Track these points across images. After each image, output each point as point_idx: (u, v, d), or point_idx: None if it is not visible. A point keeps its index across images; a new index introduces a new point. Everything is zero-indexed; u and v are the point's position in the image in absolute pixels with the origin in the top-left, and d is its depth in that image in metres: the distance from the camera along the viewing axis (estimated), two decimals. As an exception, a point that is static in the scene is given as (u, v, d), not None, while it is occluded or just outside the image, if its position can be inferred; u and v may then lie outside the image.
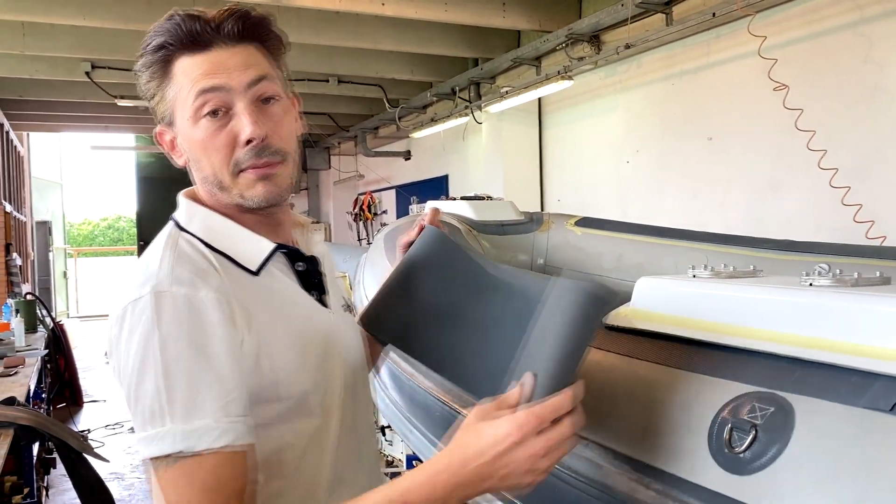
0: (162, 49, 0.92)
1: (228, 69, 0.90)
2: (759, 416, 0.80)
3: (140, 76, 0.95)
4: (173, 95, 0.93)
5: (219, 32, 0.92)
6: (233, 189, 0.92)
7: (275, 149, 0.92)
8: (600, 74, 6.49)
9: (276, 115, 0.93)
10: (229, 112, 0.90)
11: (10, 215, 9.67)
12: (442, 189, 9.47)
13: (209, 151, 0.91)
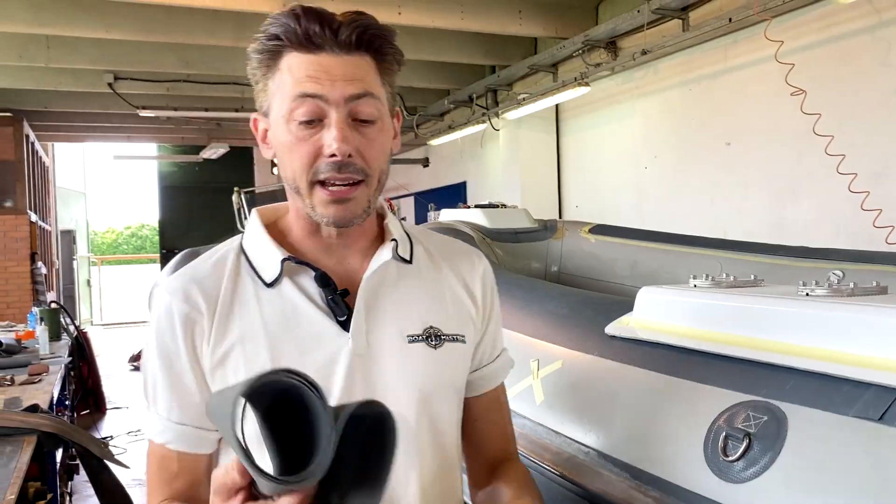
0: (274, 40, 0.90)
1: (332, 78, 0.88)
2: (753, 424, 0.81)
3: (250, 60, 0.94)
4: (275, 89, 0.91)
5: (334, 37, 0.88)
6: (307, 199, 0.91)
7: (357, 167, 0.89)
8: (617, 80, 6.49)
9: (368, 134, 0.91)
10: (322, 121, 0.89)
11: (36, 225, 9.84)
12: (460, 196, 9.50)
13: (293, 155, 0.90)
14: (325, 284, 0.94)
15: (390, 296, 0.98)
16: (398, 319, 0.97)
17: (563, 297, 1.42)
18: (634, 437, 0.95)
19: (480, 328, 1.05)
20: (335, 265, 0.97)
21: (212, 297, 0.93)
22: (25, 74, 7.42)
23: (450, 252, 1.07)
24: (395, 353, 0.96)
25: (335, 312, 0.94)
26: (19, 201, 9.42)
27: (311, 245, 0.97)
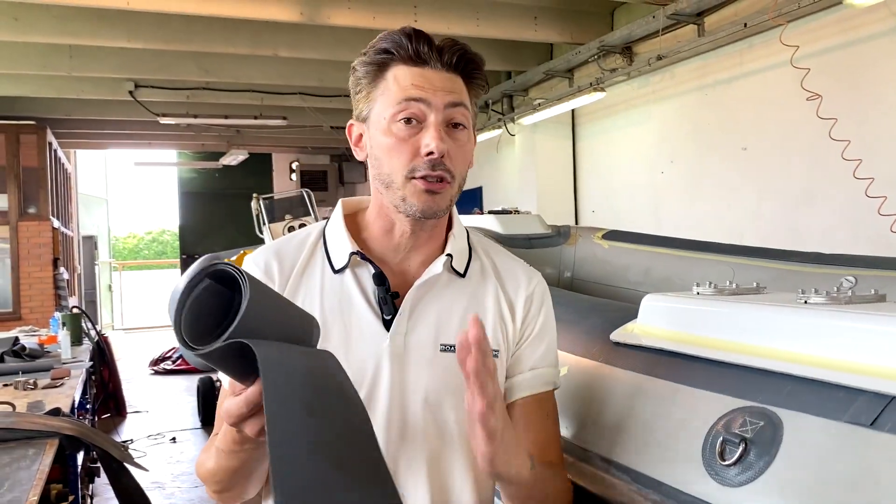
0: (385, 53, 1.02)
1: (435, 87, 1.00)
2: (750, 429, 0.83)
3: (356, 70, 1.05)
4: (377, 95, 1.02)
5: (439, 56, 1.01)
6: (399, 191, 1.01)
7: (447, 167, 1.00)
8: (633, 85, 6.50)
9: (459, 140, 1.02)
10: (422, 123, 1.00)
11: (58, 231, 9.98)
12: (476, 201, 9.52)
13: (393, 153, 1.00)
14: (380, 283, 1.03)
15: (434, 305, 1.06)
16: (436, 328, 1.05)
17: (570, 303, 1.44)
18: (636, 441, 0.97)
19: (514, 342, 1.10)
20: (397, 266, 1.07)
21: (286, 269, 1.05)
22: (49, 83, 7.56)
23: (505, 269, 1.14)
24: (426, 359, 1.03)
25: (383, 311, 1.04)
26: (42, 208, 9.57)
27: (382, 242, 1.07)
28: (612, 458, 0.99)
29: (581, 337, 1.24)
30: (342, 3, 5.57)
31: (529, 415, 1.07)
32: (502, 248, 1.20)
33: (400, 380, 1.02)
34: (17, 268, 9.38)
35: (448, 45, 1.03)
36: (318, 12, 5.49)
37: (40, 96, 7.95)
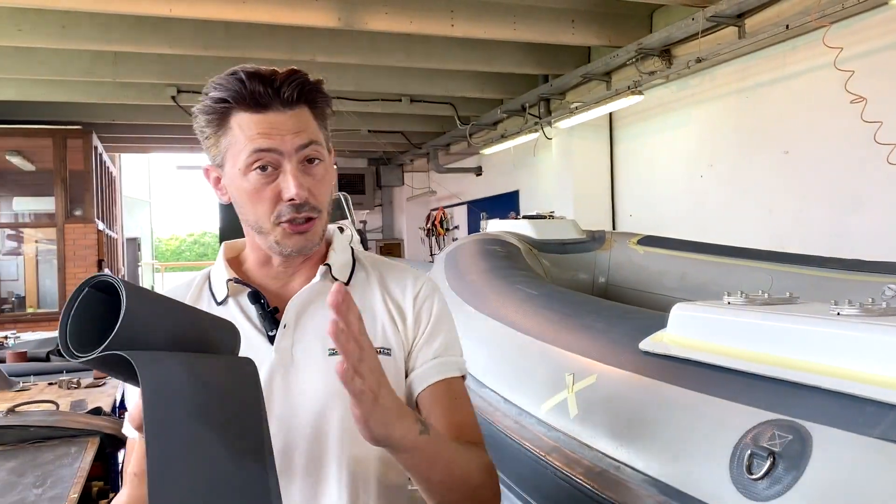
0: (222, 102, 1.01)
1: (282, 132, 0.99)
2: (778, 443, 0.81)
3: (197, 119, 1.05)
4: (227, 144, 1.02)
5: (278, 96, 0.99)
6: (270, 235, 1.03)
7: (312, 206, 1.01)
8: (672, 88, 6.42)
9: (317, 175, 1.02)
10: (277, 169, 1.00)
11: (103, 233, 10.22)
12: (512, 205, 9.51)
13: (255, 202, 1.01)
14: (255, 301, 1.06)
15: (318, 313, 1.07)
16: (322, 335, 1.04)
17: (600, 311, 1.43)
18: (664, 452, 0.96)
19: (410, 340, 1.12)
20: (279, 289, 1.10)
21: None
22: (94, 89, 7.74)
23: (389, 276, 1.16)
24: (317, 366, 1.05)
25: (265, 328, 1.06)
26: (88, 210, 9.80)
27: (260, 273, 1.10)
28: (638, 468, 0.98)
29: (609, 346, 1.23)
30: (379, 9, 5.61)
31: (439, 400, 1.09)
32: (391, 261, 1.23)
33: (288, 391, 1.03)
34: (63, 269, 9.62)
35: (284, 78, 1.00)
36: (356, 18, 5.54)
37: (86, 101, 8.14)
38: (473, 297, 1.89)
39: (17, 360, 4.29)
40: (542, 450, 1.19)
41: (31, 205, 10.54)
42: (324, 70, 7.33)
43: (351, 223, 7.08)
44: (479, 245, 2.55)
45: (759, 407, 0.87)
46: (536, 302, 1.62)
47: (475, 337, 1.69)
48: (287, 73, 1.00)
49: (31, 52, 6.46)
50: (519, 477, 1.30)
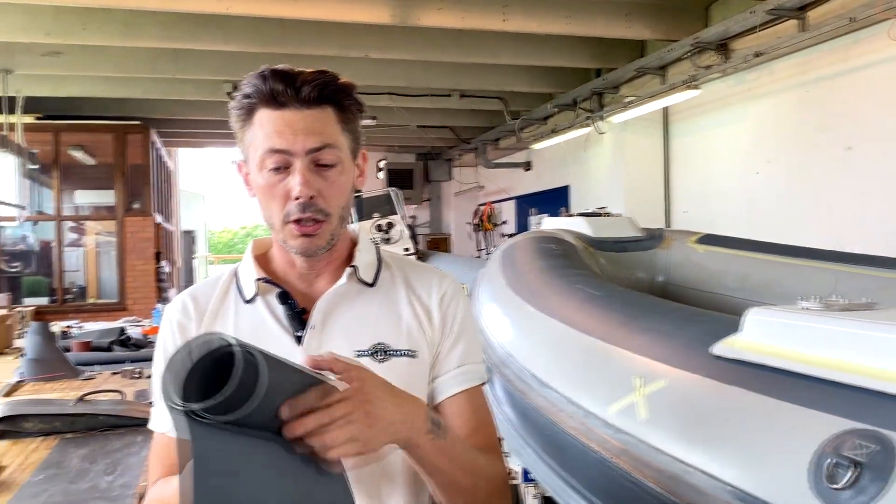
0: (247, 98, 1.02)
1: (295, 132, 1.00)
2: (862, 453, 0.80)
3: (231, 114, 1.06)
4: (250, 140, 1.04)
5: (297, 95, 1.00)
6: (280, 234, 1.05)
7: (319, 207, 1.01)
8: (729, 82, 6.30)
9: (329, 178, 1.02)
10: (289, 168, 1.01)
11: (160, 226, 10.48)
12: (562, 200, 9.44)
13: (267, 198, 1.03)
14: (284, 302, 1.08)
15: (345, 315, 1.09)
16: (349, 336, 1.08)
17: (665, 313, 1.42)
18: (740, 458, 0.95)
19: (436, 343, 1.13)
20: (306, 289, 1.11)
21: (201, 308, 1.11)
22: (154, 85, 7.94)
23: (416, 278, 1.17)
24: None
25: (293, 328, 1.07)
26: (146, 204, 10.06)
27: (287, 272, 1.11)
28: (713, 472, 0.98)
29: (679, 349, 1.22)
30: (432, 5, 5.62)
31: (460, 410, 1.11)
32: (416, 261, 1.23)
33: None
34: (123, 261, 9.90)
35: (308, 78, 1.01)
36: (409, 14, 5.56)
37: (146, 98, 8.36)
38: (533, 297, 1.90)
39: (82, 350, 4.44)
40: (611, 452, 1.20)
41: (92, 198, 10.86)
42: (375, 66, 7.40)
43: (401, 218, 7.13)
44: (536, 243, 2.55)
45: (840, 415, 0.86)
46: (599, 303, 1.62)
47: (536, 336, 1.69)
48: (312, 73, 1.02)
49: (95, 50, 6.65)
50: (585, 478, 1.30)
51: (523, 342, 1.73)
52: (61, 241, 10.03)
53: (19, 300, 9.55)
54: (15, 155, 7.63)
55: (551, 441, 1.46)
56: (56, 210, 9.95)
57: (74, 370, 3.67)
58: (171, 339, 1.10)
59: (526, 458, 1.69)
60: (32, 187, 10.71)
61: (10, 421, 2.50)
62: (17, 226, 10.07)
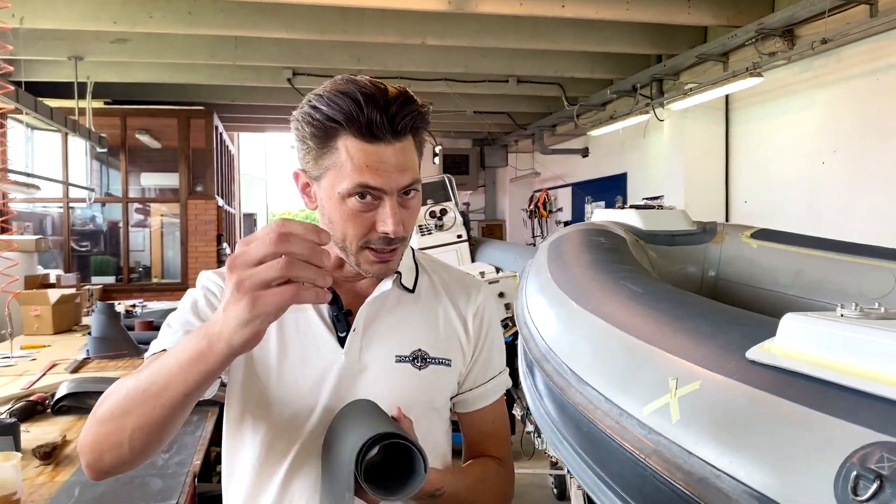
0: (333, 122, 0.98)
1: (389, 170, 0.98)
2: (887, 466, 0.80)
3: (300, 126, 1.02)
4: (329, 164, 1.00)
5: (391, 126, 0.97)
6: (353, 256, 1.05)
7: (402, 237, 1.04)
8: (794, 70, 6.11)
9: (411, 207, 1.04)
10: (377, 200, 1.00)
11: (222, 209, 10.76)
12: (620, 188, 9.33)
13: (348, 224, 1.01)
14: (332, 302, 1.08)
15: (387, 319, 1.12)
16: (390, 341, 1.10)
17: (707, 314, 1.42)
18: (766, 464, 0.95)
19: (470, 354, 1.17)
20: (350, 290, 1.13)
21: None
22: (216, 72, 8.14)
23: (453, 284, 1.20)
24: (382, 371, 1.09)
25: (337, 328, 1.09)
26: (208, 187, 10.34)
27: (335, 272, 1.11)
28: (739, 477, 0.98)
29: (716, 352, 1.22)
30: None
31: (484, 420, 1.18)
32: (444, 263, 1.25)
33: (354, 393, 1.06)
34: (186, 242, 10.21)
35: (398, 108, 0.97)
36: (467, 1, 5.56)
37: (208, 83, 8.57)
38: (577, 292, 1.90)
39: (145, 329, 4.62)
40: (643, 452, 1.20)
41: (157, 180, 11.22)
42: (433, 52, 7.42)
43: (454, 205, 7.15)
44: (584, 236, 2.55)
45: (869, 427, 0.86)
46: (642, 301, 1.62)
47: (577, 333, 1.70)
48: (401, 100, 0.99)
49: (160, 37, 6.85)
50: (618, 476, 1.31)
51: (565, 338, 1.74)
52: (128, 222, 10.40)
53: (87, 279, 9.96)
54: (85, 139, 7.93)
55: (587, 438, 1.47)
56: (123, 192, 10.30)
57: (137, 349, 3.83)
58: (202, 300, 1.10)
59: (563, 452, 1.70)
60: (101, 170, 11.12)
61: (76, 397, 2.64)
62: (86, 207, 10.48)
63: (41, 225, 10.49)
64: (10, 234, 7.85)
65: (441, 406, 1.16)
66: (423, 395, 1.11)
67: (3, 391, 2.94)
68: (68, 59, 7.07)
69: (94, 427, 0.91)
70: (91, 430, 0.92)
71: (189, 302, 1.11)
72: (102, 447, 0.90)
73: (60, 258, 10.19)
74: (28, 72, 7.17)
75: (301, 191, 1.09)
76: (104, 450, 0.90)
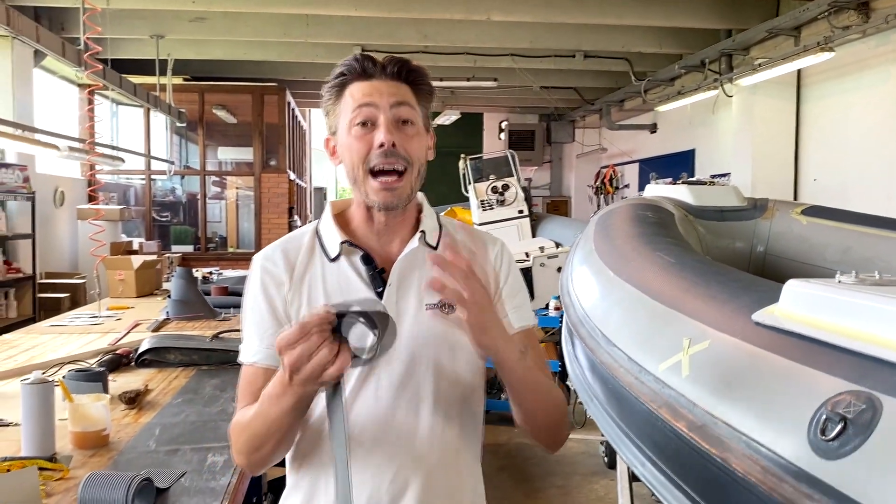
0: (340, 76, 1.21)
1: (381, 92, 1.18)
2: (851, 410, 0.90)
3: (324, 94, 1.24)
4: (340, 110, 1.21)
5: (383, 70, 1.20)
6: (362, 187, 1.20)
7: (401, 155, 1.17)
8: (869, 44, 5.94)
9: (408, 133, 1.20)
10: (374, 125, 1.18)
11: (294, 182, 11.10)
12: (687, 164, 9.22)
13: (352, 151, 1.19)
14: (367, 263, 1.23)
15: (416, 273, 1.25)
16: (420, 292, 1.24)
17: (725, 281, 1.50)
18: (755, 413, 1.06)
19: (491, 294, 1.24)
20: (380, 248, 1.26)
21: (291, 262, 1.25)
22: (288, 49, 8.40)
23: (471, 240, 1.33)
24: (415, 317, 1.23)
25: (374, 285, 1.23)
26: (281, 161, 10.69)
27: (365, 231, 1.26)
28: (733, 424, 1.09)
29: (727, 315, 1.32)
30: (555, -33, 5.64)
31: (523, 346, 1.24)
32: (467, 225, 1.39)
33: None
34: (259, 214, 10.61)
35: (390, 60, 1.20)
36: (531, -23, 5.61)
37: (281, 60, 8.85)
38: (615, 263, 2.00)
39: (220, 294, 4.89)
40: (655, 404, 1.32)
41: (232, 154, 11.65)
42: (498, 28, 7.49)
43: (517, 181, 7.24)
44: (632, 210, 2.63)
45: (844, 378, 0.95)
46: (671, 270, 1.71)
47: (610, 299, 1.81)
48: (393, 56, 1.22)
49: (235, 16, 7.13)
50: (635, 427, 1.43)
51: (599, 304, 1.85)
52: (205, 194, 10.85)
53: (168, 247, 10.47)
54: (166, 114, 8.32)
55: (612, 394, 1.59)
56: (201, 165, 10.75)
57: (212, 311, 4.09)
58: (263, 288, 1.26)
59: (592, 409, 1.82)
60: (180, 143, 11.61)
61: (156, 352, 2.88)
62: (166, 179, 10.98)
63: (125, 195, 11.05)
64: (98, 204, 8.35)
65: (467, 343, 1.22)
66: (450, 335, 1.24)
67: (92, 346, 3.23)
68: (150, 37, 7.43)
69: (240, 458, 1.20)
70: (239, 457, 1.20)
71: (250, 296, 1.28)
72: (254, 466, 1.21)
73: (142, 227, 10.74)
74: (113, 50, 7.56)
75: (330, 154, 1.28)
76: (255, 466, 1.21)
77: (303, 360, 0.97)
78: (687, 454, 1.18)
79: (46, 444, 1.76)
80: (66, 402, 1.89)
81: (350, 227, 1.29)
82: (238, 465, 1.26)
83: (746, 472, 1.00)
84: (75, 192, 8.93)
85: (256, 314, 1.25)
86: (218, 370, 2.79)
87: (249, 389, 1.21)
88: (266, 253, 1.30)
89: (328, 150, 1.28)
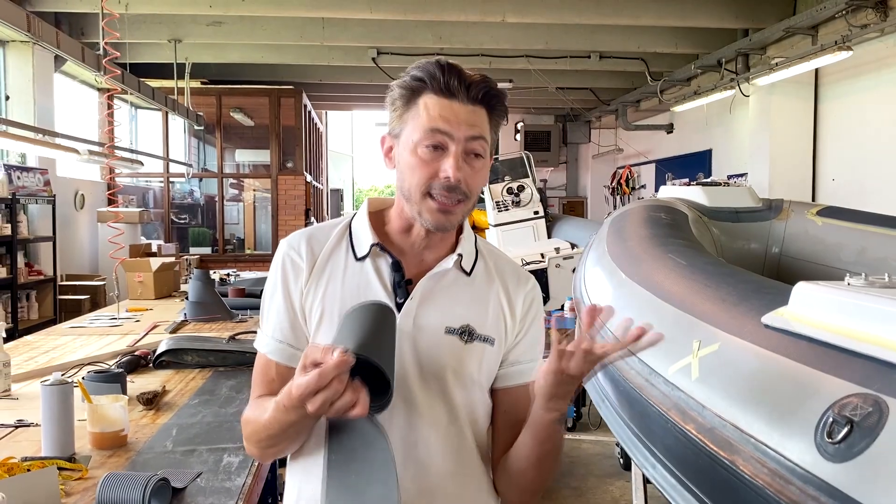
0: (419, 82, 1.14)
1: (458, 121, 1.11)
2: (858, 413, 0.90)
3: (393, 91, 1.17)
4: (409, 118, 1.15)
5: (466, 91, 1.12)
6: (416, 206, 1.15)
7: (462, 190, 1.13)
8: (888, 42, 5.88)
9: (475, 168, 1.15)
10: (444, 151, 1.12)
11: (310, 184, 11.16)
12: (704, 165, 9.17)
13: (415, 172, 1.13)
14: (396, 270, 1.20)
15: (442, 295, 1.21)
16: (442, 314, 1.20)
17: (737, 283, 1.50)
18: (764, 416, 1.06)
19: (514, 335, 1.26)
20: (412, 259, 1.23)
21: (314, 253, 1.22)
22: (304, 52, 8.45)
23: (506, 271, 1.29)
24: (431, 339, 1.19)
25: (397, 294, 1.20)
26: (297, 163, 10.75)
27: (400, 238, 1.23)
28: (741, 427, 1.10)
29: (737, 317, 1.32)
30: (569, -32, 5.64)
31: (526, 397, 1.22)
32: (502, 252, 1.35)
33: (403, 356, 1.16)
34: (276, 216, 10.67)
35: (475, 81, 1.12)
36: (545, -22, 5.61)
37: (297, 63, 8.90)
38: (627, 264, 2.00)
39: (237, 295, 4.92)
40: (665, 406, 1.32)
41: (250, 157, 11.73)
42: (513, 30, 7.49)
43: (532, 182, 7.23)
44: (645, 212, 2.63)
45: (851, 381, 0.95)
46: (683, 272, 1.71)
47: (622, 302, 1.81)
48: (478, 77, 1.15)
49: (252, 20, 7.19)
50: (646, 430, 1.43)
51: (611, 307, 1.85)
52: (223, 197, 10.93)
53: (186, 249, 10.56)
54: (184, 117, 8.40)
55: (622, 396, 1.59)
56: (218, 167, 10.83)
57: (229, 313, 4.13)
58: (283, 277, 1.23)
59: (604, 411, 1.83)
60: (198, 146, 11.71)
61: (174, 353, 2.92)
62: (184, 181, 11.08)
63: (144, 198, 11.16)
64: (117, 207, 8.44)
65: (481, 380, 1.26)
66: (466, 367, 1.22)
67: (111, 347, 3.27)
68: (168, 41, 7.51)
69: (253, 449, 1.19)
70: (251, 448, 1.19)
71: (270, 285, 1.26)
72: (266, 459, 1.24)
73: (161, 229, 10.84)
74: (132, 54, 7.65)
75: (385, 154, 1.23)
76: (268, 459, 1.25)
77: (325, 407, 0.97)
78: (696, 456, 1.18)
79: (66, 445, 1.79)
80: (85, 403, 1.92)
81: (384, 228, 1.25)
82: (249, 455, 1.28)
83: (754, 474, 1.01)
84: (95, 195, 9.03)
85: (274, 303, 1.23)
86: (234, 371, 2.81)
87: (263, 379, 1.21)
88: (291, 241, 1.27)
89: (383, 149, 1.23)
